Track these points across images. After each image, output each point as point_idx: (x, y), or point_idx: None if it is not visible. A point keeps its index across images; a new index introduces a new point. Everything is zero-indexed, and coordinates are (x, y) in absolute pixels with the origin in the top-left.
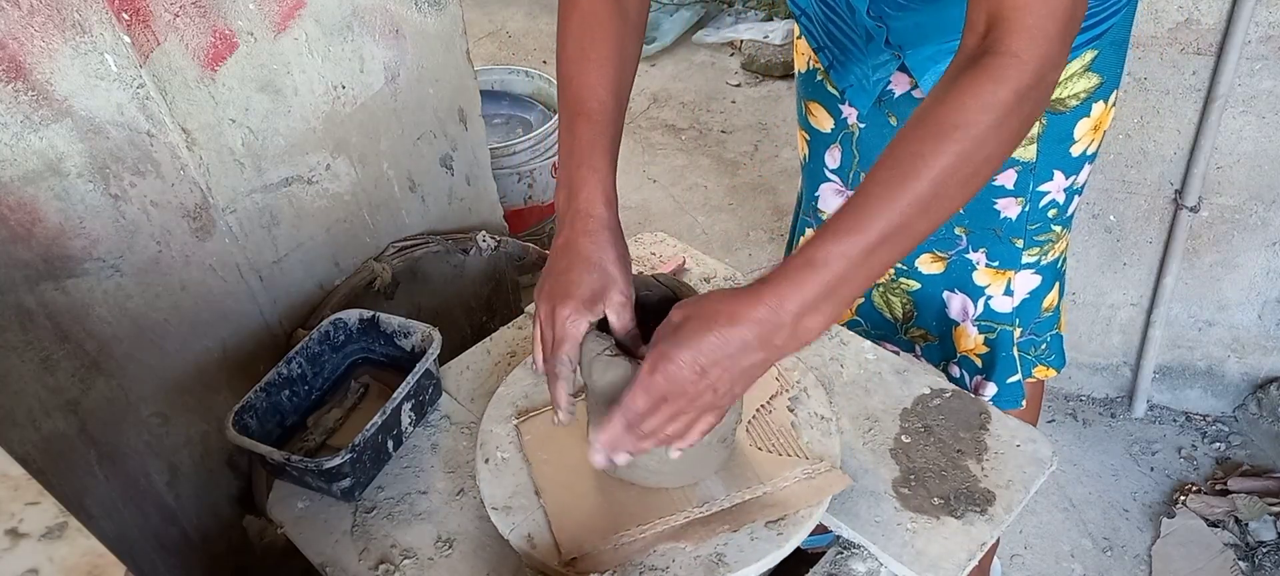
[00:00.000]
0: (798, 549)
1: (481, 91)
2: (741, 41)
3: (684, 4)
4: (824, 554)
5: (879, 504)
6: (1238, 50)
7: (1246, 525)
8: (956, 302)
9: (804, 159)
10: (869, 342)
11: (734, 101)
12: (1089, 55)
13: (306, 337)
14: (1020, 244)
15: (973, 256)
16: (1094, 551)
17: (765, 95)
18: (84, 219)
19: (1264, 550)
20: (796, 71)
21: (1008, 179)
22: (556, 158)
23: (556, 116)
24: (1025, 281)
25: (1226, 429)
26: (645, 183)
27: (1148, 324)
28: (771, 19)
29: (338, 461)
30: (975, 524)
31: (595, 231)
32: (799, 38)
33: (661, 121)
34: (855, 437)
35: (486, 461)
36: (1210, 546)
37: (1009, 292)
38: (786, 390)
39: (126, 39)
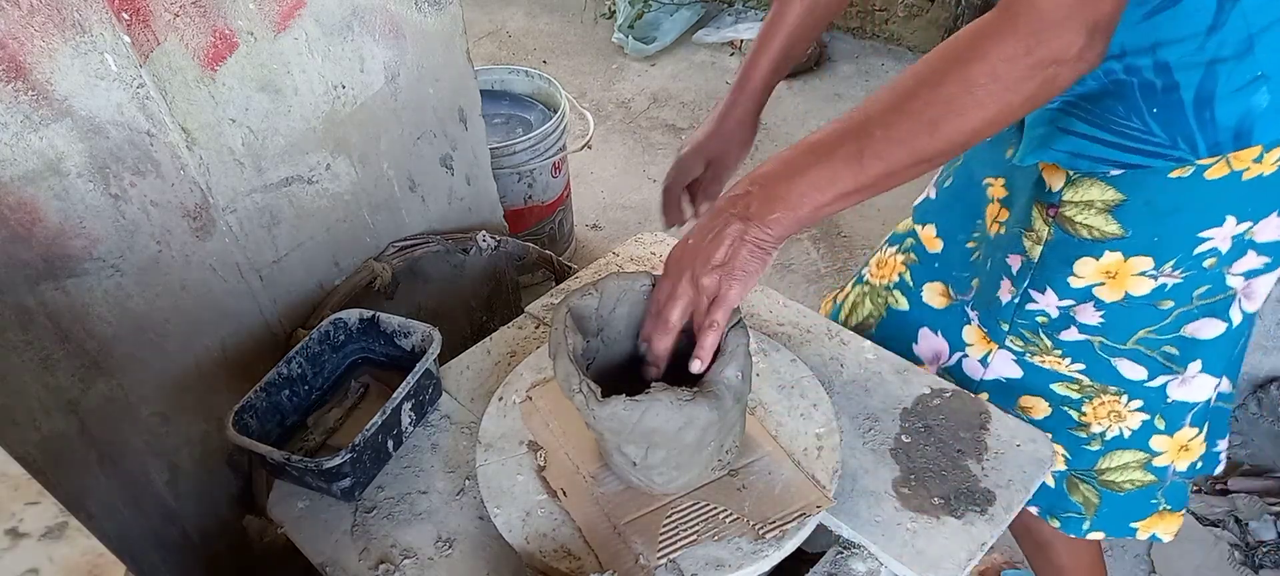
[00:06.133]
0: (798, 548)
1: (481, 91)
2: (741, 41)
3: (684, 4)
4: (824, 553)
5: (879, 504)
6: None
7: (1246, 525)
8: (932, 344)
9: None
10: (869, 343)
11: None
12: (1110, 193)
13: (306, 338)
14: (1005, 327)
15: (970, 312)
16: None
17: None
18: (84, 219)
19: (1264, 550)
20: None
21: (1014, 262)
22: (558, 156)
23: (556, 116)
24: (1003, 364)
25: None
26: (645, 183)
27: None
28: None
29: (338, 461)
30: (975, 524)
31: (749, 99)
32: None
33: (661, 121)
34: (855, 437)
35: (486, 453)
36: (1210, 547)
37: (985, 362)
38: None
39: (126, 39)
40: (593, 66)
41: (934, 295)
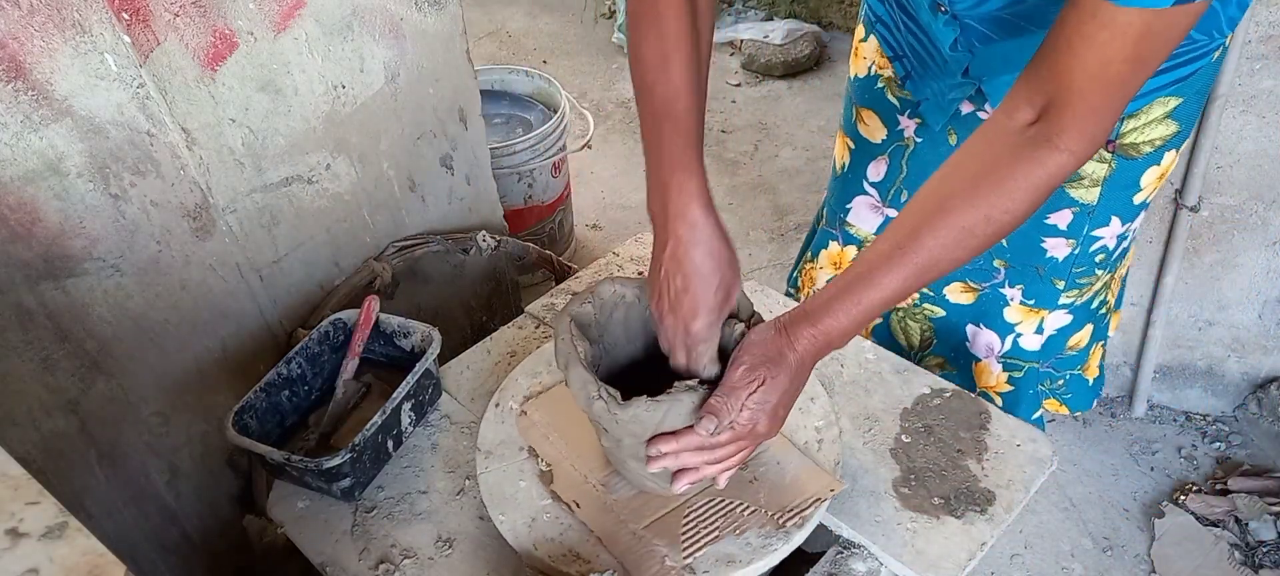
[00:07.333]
0: (798, 548)
1: (481, 91)
2: (741, 41)
3: None
4: (824, 553)
5: (879, 504)
6: (1238, 50)
7: (1246, 525)
8: (982, 339)
9: (841, 167)
10: (870, 343)
11: (734, 101)
12: (1173, 102)
13: (306, 337)
14: (1061, 285)
15: (1007, 292)
16: (1094, 551)
17: (765, 95)
18: (84, 219)
19: (1264, 550)
20: (853, 75)
21: (1062, 219)
22: (558, 156)
23: (556, 116)
24: (1056, 320)
25: (1226, 428)
26: (645, 182)
27: (1148, 324)
28: (771, 19)
29: (338, 461)
30: (975, 524)
31: (703, 239)
32: (862, 41)
33: None
34: (855, 437)
35: (486, 460)
36: (1210, 546)
37: (1039, 331)
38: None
39: (126, 39)
40: (593, 66)
41: (958, 294)
